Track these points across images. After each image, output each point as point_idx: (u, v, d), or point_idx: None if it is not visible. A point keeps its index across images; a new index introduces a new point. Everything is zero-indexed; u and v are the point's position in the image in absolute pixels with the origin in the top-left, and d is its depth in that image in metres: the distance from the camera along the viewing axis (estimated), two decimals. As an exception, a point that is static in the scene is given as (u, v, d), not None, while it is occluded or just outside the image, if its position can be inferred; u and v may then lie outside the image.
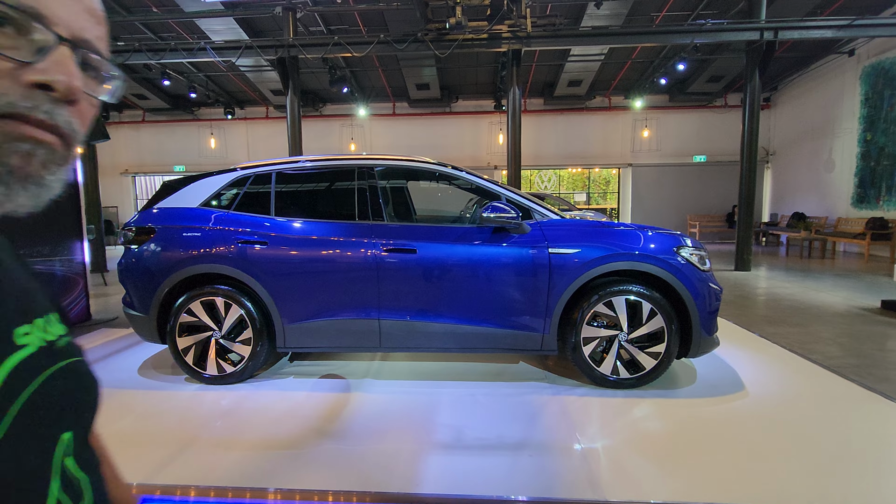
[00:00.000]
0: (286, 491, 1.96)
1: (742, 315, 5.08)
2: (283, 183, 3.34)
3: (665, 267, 2.94)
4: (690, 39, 8.14)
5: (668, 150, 14.39)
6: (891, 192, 9.53)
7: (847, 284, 6.83)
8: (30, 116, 0.37)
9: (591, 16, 9.55)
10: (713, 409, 2.75)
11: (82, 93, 0.40)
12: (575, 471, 2.12)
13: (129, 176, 15.60)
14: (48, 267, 4.80)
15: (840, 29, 7.75)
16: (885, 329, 4.48)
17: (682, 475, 2.08)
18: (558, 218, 3.17)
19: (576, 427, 2.53)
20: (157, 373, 3.45)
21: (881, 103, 9.78)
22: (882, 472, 2.13)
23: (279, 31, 9.93)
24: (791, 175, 13.20)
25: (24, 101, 0.36)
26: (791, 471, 2.11)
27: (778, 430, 2.49)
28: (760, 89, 8.21)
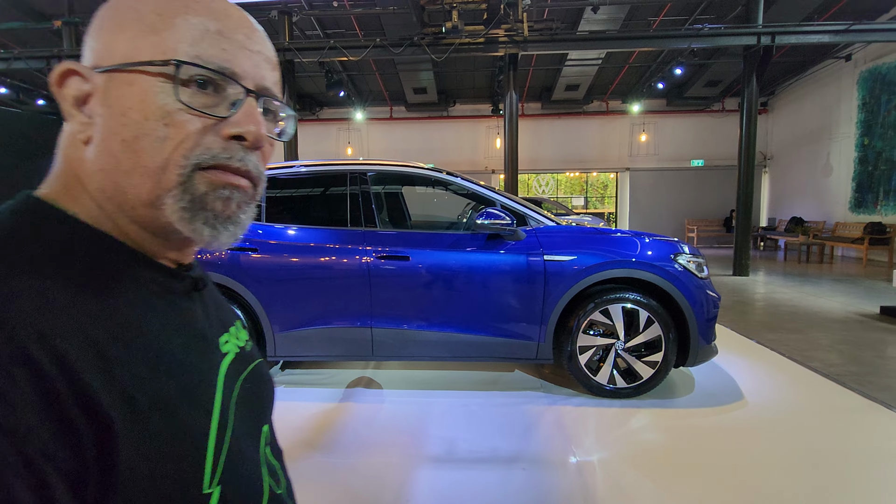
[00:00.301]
0: None
1: (741, 321, 5.03)
2: (273, 188, 3.29)
3: (662, 274, 2.89)
4: (688, 44, 8.14)
5: (665, 154, 14.39)
6: (888, 197, 9.52)
7: (845, 290, 6.80)
8: (228, 165, 0.42)
9: (588, 20, 9.54)
10: (712, 420, 2.69)
11: (267, 138, 0.44)
12: (570, 486, 2.06)
13: (125, 180, 15.54)
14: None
15: (837, 34, 7.76)
16: (885, 336, 4.44)
17: (680, 490, 2.02)
18: (554, 224, 3.12)
19: (571, 439, 2.47)
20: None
21: (878, 108, 9.79)
22: (884, 484, 2.07)
23: (275, 35, 9.90)
24: (789, 179, 13.20)
25: (223, 153, 0.41)
26: (791, 484, 2.05)
27: (777, 442, 2.44)
28: (758, 94, 8.20)
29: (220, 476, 0.39)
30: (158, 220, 0.41)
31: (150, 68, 0.39)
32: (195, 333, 0.45)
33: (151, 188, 0.40)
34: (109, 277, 0.39)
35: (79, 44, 8.57)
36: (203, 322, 0.47)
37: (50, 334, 0.32)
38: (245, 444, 0.44)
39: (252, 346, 0.55)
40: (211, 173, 0.41)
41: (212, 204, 0.42)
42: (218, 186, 0.42)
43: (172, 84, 0.39)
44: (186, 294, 0.46)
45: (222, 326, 0.50)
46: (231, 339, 0.50)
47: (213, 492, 0.38)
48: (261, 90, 0.44)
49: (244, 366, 0.50)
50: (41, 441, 0.29)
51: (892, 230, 9.24)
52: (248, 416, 0.47)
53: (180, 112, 0.39)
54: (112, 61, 0.40)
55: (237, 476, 0.41)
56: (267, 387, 0.54)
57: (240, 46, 0.42)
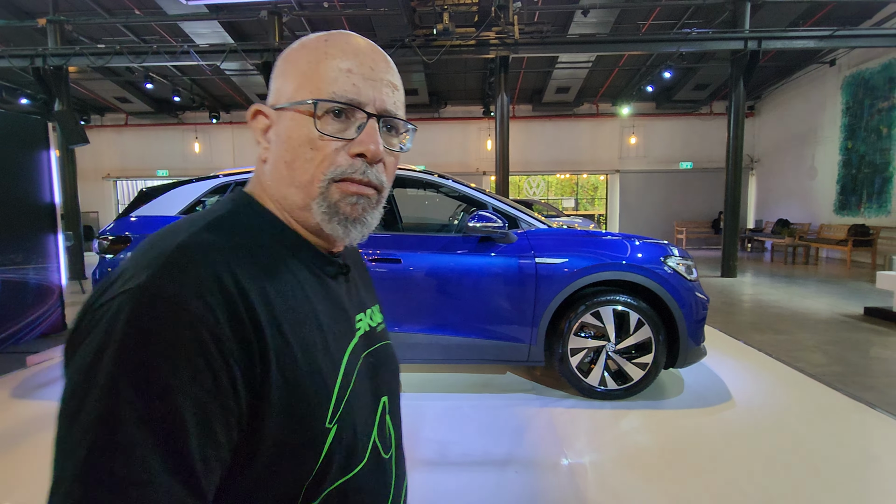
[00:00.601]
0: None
1: (729, 322, 5.09)
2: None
3: (652, 277, 2.91)
4: (676, 48, 8.23)
5: (654, 156, 14.53)
6: (871, 200, 9.71)
7: (830, 291, 6.91)
8: (353, 178, 0.52)
9: (578, 23, 9.61)
10: (701, 421, 2.72)
11: (384, 154, 0.54)
12: (562, 488, 2.06)
13: (110, 180, 15.30)
14: (20, 275, 4.64)
15: (821, 39, 7.90)
16: (869, 336, 4.52)
17: (670, 490, 2.04)
18: (545, 227, 3.13)
19: (563, 441, 2.48)
20: (132, 386, 3.33)
21: (861, 112, 9.97)
22: (867, 482, 2.11)
23: (265, 35, 9.83)
24: (775, 182, 13.40)
25: (349, 169, 0.52)
26: (779, 482, 2.08)
27: (765, 441, 2.47)
28: (745, 97, 8.31)
29: (338, 417, 0.49)
30: (309, 221, 0.54)
31: (301, 107, 0.52)
32: (338, 307, 0.56)
33: (303, 197, 0.53)
34: (284, 252, 0.53)
35: (63, 42, 8.44)
36: (345, 300, 0.58)
37: (240, 275, 0.45)
38: (361, 403, 0.54)
39: (383, 329, 0.66)
40: (341, 185, 0.52)
41: (343, 209, 0.53)
42: (347, 195, 0.53)
43: (315, 115, 0.51)
44: (334, 276, 0.59)
45: (360, 307, 0.61)
46: (364, 319, 0.61)
47: (332, 428, 0.49)
48: (381, 112, 0.54)
49: (371, 343, 0.60)
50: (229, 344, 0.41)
51: (876, 232, 9.42)
52: (367, 385, 0.57)
53: (322, 139, 0.51)
54: (280, 102, 0.53)
55: (350, 424, 0.51)
56: (389, 365, 0.64)
57: (365, 78, 0.52)
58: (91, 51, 8.24)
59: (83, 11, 9.10)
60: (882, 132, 9.40)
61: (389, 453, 0.60)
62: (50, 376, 3.55)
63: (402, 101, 0.57)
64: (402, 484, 0.63)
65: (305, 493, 0.47)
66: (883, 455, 2.37)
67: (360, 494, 0.53)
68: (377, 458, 0.56)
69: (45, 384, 3.39)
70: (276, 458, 0.45)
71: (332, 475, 0.49)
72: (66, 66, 8.30)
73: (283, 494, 0.46)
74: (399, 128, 0.57)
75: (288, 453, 0.45)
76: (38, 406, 3.00)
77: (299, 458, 0.46)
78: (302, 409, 0.46)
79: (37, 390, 3.27)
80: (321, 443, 0.47)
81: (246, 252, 0.48)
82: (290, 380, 0.45)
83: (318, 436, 0.47)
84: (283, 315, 0.47)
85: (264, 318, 0.45)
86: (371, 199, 0.55)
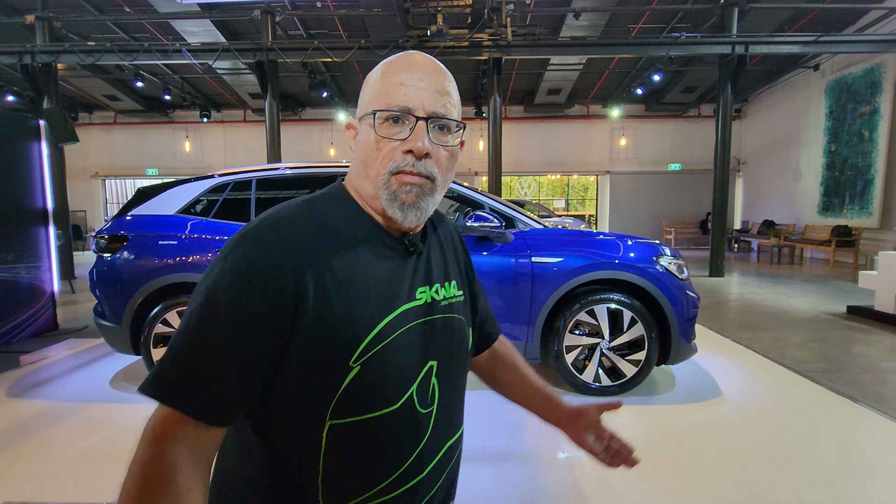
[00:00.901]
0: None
1: (717, 321, 5.21)
2: (263, 190, 3.28)
3: (645, 276, 2.99)
4: (666, 51, 8.37)
5: (644, 158, 14.72)
6: (854, 201, 9.95)
7: (814, 290, 7.09)
8: (406, 170, 0.63)
9: (569, 26, 9.72)
10: (692, 415, 2.80)
11: (432, 149, 0.64)
12: (560, 480, 2.13)
13: (99, 179, 15.11)
14: (12, 275, 4.59)
15: (806, 45, 8.09)
16: (851, 334, 4.66)
17: (663, 480, 2.11)
18: (541, 227, 3.19)
19: (559, 436, 2.53)
20: (129, 385, 3.33)
21: (844, 116, 10.22)
22: (851, 471, 2.20)
23: (256, 34, 9.79)
24: (761, 183, 13.65)
25: (402, 163, 0.63)
26: (767, 473, 2.16)
27: (754, 434, 2.55)
28: (732, 101, 8.48)
29: (363, 360, 0.60)
30: (378, 206, 0.66)
31: (368, 118, 0.65)
32: (394, 277, 0.66)
33: (373, 187, 0.65)
34: (351, 230, 0.65)
35: (52, 39, 8.34)
36: (407, 273, 0.68)
37: (300, 245, 0.59)
38: (399, 358, 0.63)
39: (451, 304, 0.73)
40: (398, 176, 0.64)
41: (400, 196, 0.64)
42: (402, 184, 0.64)
43: (375, 122, 0.64)
44: (401, 254, 0.68)
45: (426, 281, 0.70)
46: (428, 292, 0.70)
47: (354, 367, 0.59)
48: (430, 115, 0.64)
49: (431, 313, 0.69)
50: (275, 290, 0.56)
51: (858, 233, 9.66)
52: (414, 344, 0.66)
53: (381, 140, 0.64)
54: (360, 114, 0.67)
55: (377, 370, 0.61)
56: (448, 336, 0.71)
57: (415, 88, 0.63)
58: (81, 48, 8.15)
59: (72, 8, 8.99)
60: (864, 136, 9.64)
61: (428, 410, 0.67)
62: (44, 376, 3.53)
63: (452, 104, 0.66)
64: (439, 443, 0.68)
65: (331, 413, 0.60)
66: (865, 445, 2.47)
67: (386, 434, 0.62)
68: (411, 410, 0.64)
69: (40, 384, 3.37)
70: (306, 376, 0.59)
71: (356, 407, 0.60)
72: (56, 64, 8.20)
73: (313, 408, 0.60)
74: (451, 127, 0.66)
75: (315, 375, 0.59)
76: (34, 405, 2.99)
77: (324, 382, 0.59)
78: (330, 347, 0.58)
79: (32, 389, 3.26)
80: (343, 376, 0.59)
81: (315, 227, 0.62)
82: (322, 323, 0.58)
83: (340, 370, 0.59)
84: (327, 276, 0.59)
85: (309, 277, 0.58)
86: (424, 188, 0.64)
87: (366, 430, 0.61)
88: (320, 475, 0.61)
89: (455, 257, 0.80)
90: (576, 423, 0.86)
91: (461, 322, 0.74)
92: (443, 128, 0.65)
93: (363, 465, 0.62)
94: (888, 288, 5.12)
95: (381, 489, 0.63)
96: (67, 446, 2.47)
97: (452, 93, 0.67)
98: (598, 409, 0.86)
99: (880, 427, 2.66)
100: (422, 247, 0.71)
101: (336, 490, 0.61)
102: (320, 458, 0.60)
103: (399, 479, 0.64)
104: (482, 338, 0.90)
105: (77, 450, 2.42)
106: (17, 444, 2.50)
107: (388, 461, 0.63)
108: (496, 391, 0.96)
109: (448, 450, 0.71)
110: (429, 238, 0.75)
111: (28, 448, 2.46)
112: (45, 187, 4.98)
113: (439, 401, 0.68)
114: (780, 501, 1.96)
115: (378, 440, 0.62)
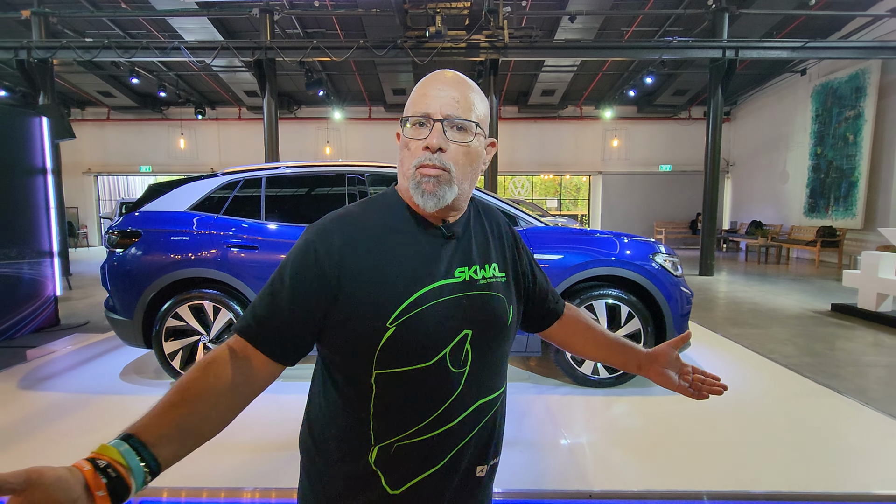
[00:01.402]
0: (290, 489, 2.01)
1: (708, 317, 5.38)
2: (272, 188, 3.37)
3: (642, 272, 3.13)
4: (658, 55, 8.55)
5: (636, 158, 14.94)
6: (838, 203, 10.22)
7: (800, 288, 7.31)
8: (425, 164, 0.75)
9: (564, 28, 9.87)
10: (685, 405, 2.94)
11: (445, 144, 0.75)
12: (563, 464, 2.25)
13: (91, 175, 14.99)
14: (15, 270, 4.62)
15: (794, 50, 8.31)
16: (835, 330, 4.85)
17: (658, 463, 2.25)
18: (542, 225, 3.32)
19: (561, 424, 2.67)
20: (140, 378, 3.40)
21: (830, 120, 10.49)
22: (833, 456, 2.35)
23: (254, 32, 9.81)
24: (749, 185, 13.93)
25: (422, 158, 0.75)
26: (755, 458, 2.30)
27: (743, 423, 2.70)
28: (722, 103, 8.68)
29: (398, 323, 0.73)
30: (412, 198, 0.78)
31: (401, 126, 0.79)
32: (430, 257, 0.79)
33: (406, 181, 0.78)
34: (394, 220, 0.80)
35: (48, 35, 8.30)
36: (445, 255, 0.80)
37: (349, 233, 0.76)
38: (435, 323, 0.75)
39: (489, 283, 0.83)
40: (420, 170, 0.76)
41: (422, 185, 0.76)
42: (423, 176, 0.76)
43: (404, 127, 0.78)
44: (439, 238, 0.81)
45: (464, 263, 0.82)
46: (466, 271, 0.81)
47: (391, 328, 0.73)
48: (446, 117, 0.75)
49: (468, 289, 0.80)
50: (324, 264, 0.73)
51: (842, 234, 9.93)
52: (449, 314, 0.77)
53: (410, 141, 0.77)
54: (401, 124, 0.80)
55: (411, 331, 0.73)
56: (483, 309, 0.81)
57: (435, 97, 0.76)
58: (78, 44, 8.12)
59: (68, 4, 8.95)
60: (848, 139, 9.91)
61: (460, 370, 0.78)
62: (52, 369, 3.59)
63: (469, 107, 0.77)
64: (469, 400, 0.80)
65: (376, 364, 0.74)
66: (847, 432, 2.63)
67: (421, 385, 0.76)
68: (443, 368, 0.76)
69: (50, 377, 3.43)
70: (355, 333, 0.73)
71: (395, 360, 0.74)
72: (52, 60, 8.17)
73: (362, 358, 0.74)
74: (467, 127, 0.77)
75: (362, 331, 0.73)
76: (47, 397, 3.06)
77: (368, 338, 0.73)
78: (370, 310, 0.73)
79: (42, 382, 3.32)
80: (381, 333, 0.73)
81: (363, 220, 0.79)
82: (360, 290, 0.73)
83: (379, 328, 0.73)
84: (370, 255, 0.75)
85: (351, 256, 0.74)
86: (441, 178, 0.75)
87: (404, 380, 0.74)
88: (371, 413, 0.76)
89: (500, 244, 0.90)
90: (656, 364, 0.94)
91: (500, 299, 0.84)
92: (460, 128, 0.76)
93: (402, 409, 0.75)
94: (870, 286, 5.33)
95: (416, 431, 0.75)
96: (85, 436, 2.55)
97: (473, 100, 0.78)
98: (672, 347, 0.94)
99: (861, 415, 2.82)
100: (459, 233, 0.83)
101: (382, 427, 0.76)
102: (371, 399, 0.75)
103: (431, 425, 0.76)
104: (548, 313, 1.00)
105: (95, 439, 2.49)
106: (36, 434, 2.58)
107: (422, 408, 0.76)
108: (578, 355, 1.08)
109: (479, 408, 0.81)
110: (472, 226, 0.86)
111: (48, 437, 2.54)
112: (48, 183, 5.01)
113: (472, 364, 0.79)
114: (766, 481, 2.10)
115: (414, 389, 0.75)
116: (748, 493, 2.03)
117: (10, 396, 3.06)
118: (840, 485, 2.10)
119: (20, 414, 2.82)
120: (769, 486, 2.06)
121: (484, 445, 0.82)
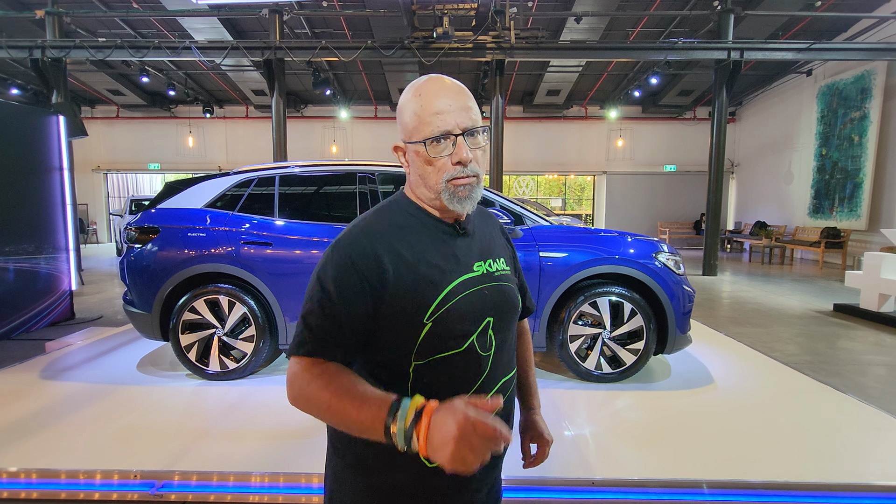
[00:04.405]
0: (307, 475, 2.11)
1: (710, 316, 5.45)
2: (286, 186, 3.47)
3: (645, 271, 3.20)
4: (663, 56, 8.60)
5: (640, 159, 14.98)
6: (843, 204, 10.24)
7: (803, 289, 7.35)
8: (459, 176, 0.83)
9: (570, 29, 9.93)
10: (686, 400, 3.02)
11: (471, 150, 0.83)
12: (567, 454, 2.34)
13: (100, 173, 15.17)
14: (32, 265, 4.75)
15: (799, 52, 8.34)
16: (837, 330, 4.91)
17: (660, 456, 2.33)
18: (548, 224, 3.40)
19: (565, 417, 2.75)
20: (156, 369, 3.51)
21: (835, 121, 10.50)
22: (833, 452, 2.42)
23: (263, 32, 9.93)
24: (754, 185, 13.94)
25: (455, 172, 0.83)
26: (755, 452, 2.38)
27: (744, 418, 2.77)
28: (727, 104, 8.72)
29: (434, 318, 0.82)
30: (437, 205, 0.88)
31: (418, 145, 0.84)
32: (451, 254, 0.88)
33: (433, 193, 0.86)
34: (415, 224, 0.88)
35: (61, 35, 8.44)
36: (463, 251, 0.89)
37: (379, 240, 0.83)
38: (463, 314, 0.83)
39: (502, 275, 0.93)
40: (453, 181, 0.84)
41: (458, 193, 0.84)
42: (458, 186, 0.84)
43: (425, 147, 0.83)
44: (453, 236, 0.90)
45: (480, 257, 0.92)
46: (482, 265, 0.91)
47: (428, 323, 0.81)
48: (464, 129, 0.83)
49: (487, 281, 0.90)
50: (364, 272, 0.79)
51: (846, 235, 9.95)
52: (474, 304, 0.86)
53: (434, 158, 0.83)
54: (406, 139, 0.86)
55: (445, 324, 0.82)
56: (501, 298, 0.91)
57: (447, 112, 0.82)
58: (91, 44, 8.26)
59: (81, 4, 9.09)
60: (854, 140, 9.93)
61: (487, 353, 0.88)
62: (71, 361, 3.70)
63: (476, 112, 0.85)
64: (496, 378, 0.90)
65: (414, 356, 0.82)
66: (847, 430, 2.69)
67: (456, 368, 0.84)
68: (473, 353, 0.86)
69: (70, 368, 3.54)
70: (395, 331, 0.81)
71: (432, 349, 0.82)
72: (65, 59, 8.30)
73: (402, 352, 0.83)
74: (479, 132, 0.86)
75: (402, 329, 0.81)
76: (68, 387, 3.17)
77: (408, 334, 0.81)
78: (409, 309, 0.80)
79: (63, 373, 3.43)
80: (420, 329, 0.81)
81: (387, 226, 0.86)
82: (399, 290, 0.80)
83: (417, 325, 0.81)
84: (399, 259, 0.82)
85: (386, 261, 0.81)
86: (472, 184, 0.85)
87: (440, 367, 0.83)
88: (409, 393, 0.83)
89: (501, 241, 1.02)
90: (529, 431, 1.08)
91: (512, 288, 0.95)
92: (474, 134, 0.84)
93: (438, 393, 0.80)
94: (872, 287, 5.38)
95: None
96: (109, 422, 2.65)
97: (473, 105, 0.85)
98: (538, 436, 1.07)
99: (860, 412, 2.89)
100: (471, 231, 0.92)
101: None
102: (408, 387, 0.83)
103: None
104: (524, 309, 1.11)
105: (119, 425, 2.61)
106: (63, 421, 2.68)
107: (457, 390, 0.82)
108: None
109: (503, 384, 0.92)
110: (477, 225, 0.96)
111: (73, 424, 2.65)
112: (64, 180, 5.14)
113: (495, 347, 0.89)
114: (765, 474, 2.18)
115: (449, 374, 0.84)
116: (746, 482, 2.10)
117: (33, 387, 3.18)
118: (835, 475, 2.17)
119: (44, 402, 2.93)
120: (767, 476, 2.14)
121: (505, 420, 0.92)
